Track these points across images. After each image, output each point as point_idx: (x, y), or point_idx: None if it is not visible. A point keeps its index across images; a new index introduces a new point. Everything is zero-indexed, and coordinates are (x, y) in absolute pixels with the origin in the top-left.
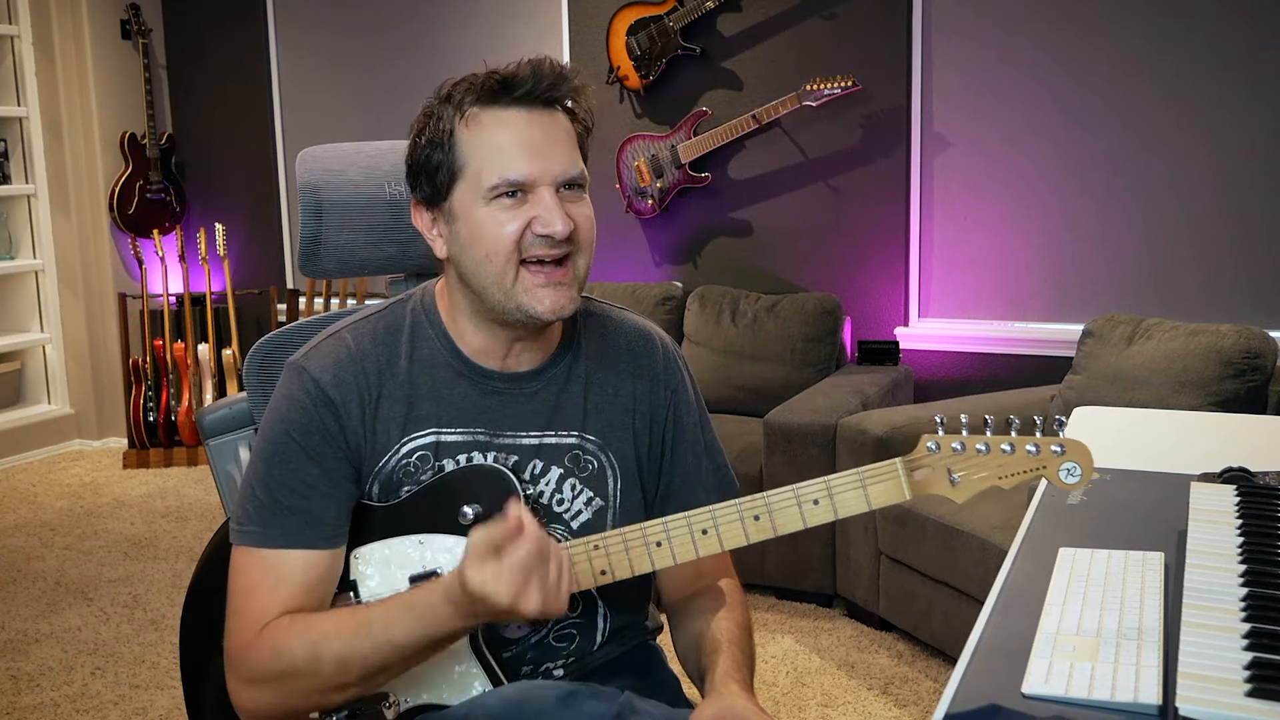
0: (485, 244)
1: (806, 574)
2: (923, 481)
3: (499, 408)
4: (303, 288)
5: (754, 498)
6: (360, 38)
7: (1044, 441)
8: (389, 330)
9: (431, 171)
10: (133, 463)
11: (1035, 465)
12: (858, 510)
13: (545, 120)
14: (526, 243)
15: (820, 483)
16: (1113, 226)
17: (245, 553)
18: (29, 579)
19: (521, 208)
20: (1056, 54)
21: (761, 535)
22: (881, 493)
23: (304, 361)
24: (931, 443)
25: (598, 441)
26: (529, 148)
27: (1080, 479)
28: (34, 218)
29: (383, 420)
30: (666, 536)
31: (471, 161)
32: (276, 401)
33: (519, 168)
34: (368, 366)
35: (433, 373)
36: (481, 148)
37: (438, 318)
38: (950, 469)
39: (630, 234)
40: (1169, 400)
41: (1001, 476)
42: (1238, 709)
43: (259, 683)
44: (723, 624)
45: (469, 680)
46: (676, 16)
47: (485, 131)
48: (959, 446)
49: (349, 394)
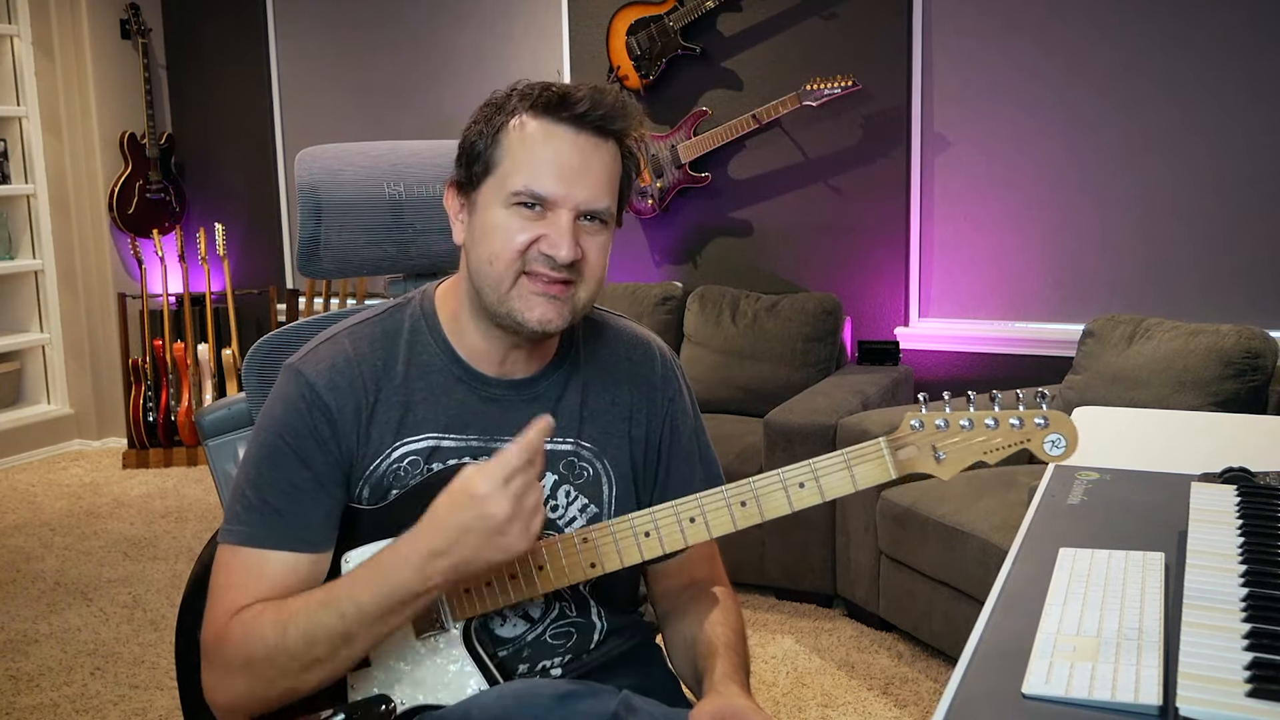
0: (492, 245)
1: (806, 574)
2: (908, 460)
3: (495, 413)
4: (302, 288)
5: (740, 483)
6: (360, 37)
7: (1027, 415)
8: (387, 334)
9: (472, 159)
10: (132, 463)
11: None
12: (844, 491)
13: (590, 146)
14: (530, 256)
15: (805, 465)
16: (1113, 226)
17: (230, 551)
18: (29, 579)
19: (536, 222)
20: (1057, 54)
21: (749, 521)
22: (867, 473)
23: (300, 365)
24: (915, 420)
25: (593, 449)
26: (562, 168)
27: (1065, 450)
28: (34, 218)
29: (377, 425)
30: (654, 526)
31: (506, 162)
32: (271, 403)
33: (545, 183)
34: (365, 371)
35: (430, 378)
36: (520, 153)
37: (436, 322)
38: (935, 446)
39: (630, 234)
40: (1169, 400)
41: (986, 451)
42: (1238, 709)
43: (231, 670)
44: (718, 628)
45: (465, 680)
46: (676, 16)
47: (529, 139)
48: (943, 423)
49: (344, 399)
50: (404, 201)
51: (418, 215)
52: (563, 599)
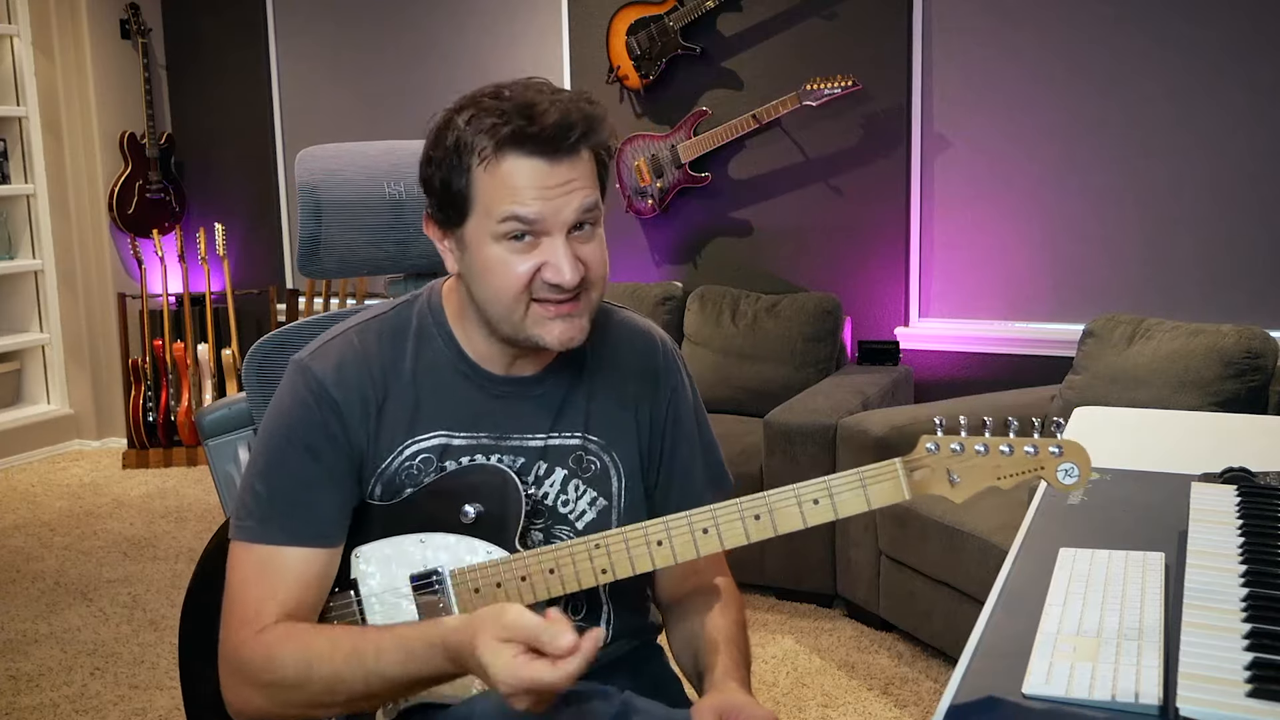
0: (494, 283)
1: (807, 574)
2: (922, 482)
3: (503, 411)
4: (302, 288)
5: (754, 497)
6: (360, 38)
7: (1042, 443)
8: (395, 332)
9: (446, 198)
10: (132, 463)
11: (1033, 466)
12: (857, 510)
13: (566, 165)
14: (536, 286)
15: (820, 483)
16: (1113, 226)
17: (243, 548)
18: (28, 579)
19: (532, 252)
20: (1057, 54)
21: (762, 535)
22: (881, 493)
23: (309, 361)
24: (931, 444)
25: (600, 442)
26: (544, 194)
27: (1078, 480)
28: (33, 218)
29: (387, 422)
30: (667, 535)
31: (484, 198)
32: (280, 399)
33: (531, 213)
34: (373, 368)
35: (438, 376)
36: (497, 188)
37: (444, 319)
38: (949, 469)
39: (630, 234)
40: (1170, 400)
41: (1000, 477)
42: (1238, 709)
43: (251, 685)
44: (719, 622)
45: (468, 679)
46: (676, 16)
47: (503, 174)
48: (958, 447)
49: (352, 395)
50: (404, 201)
51: (418, 215)
52: (575, 599)
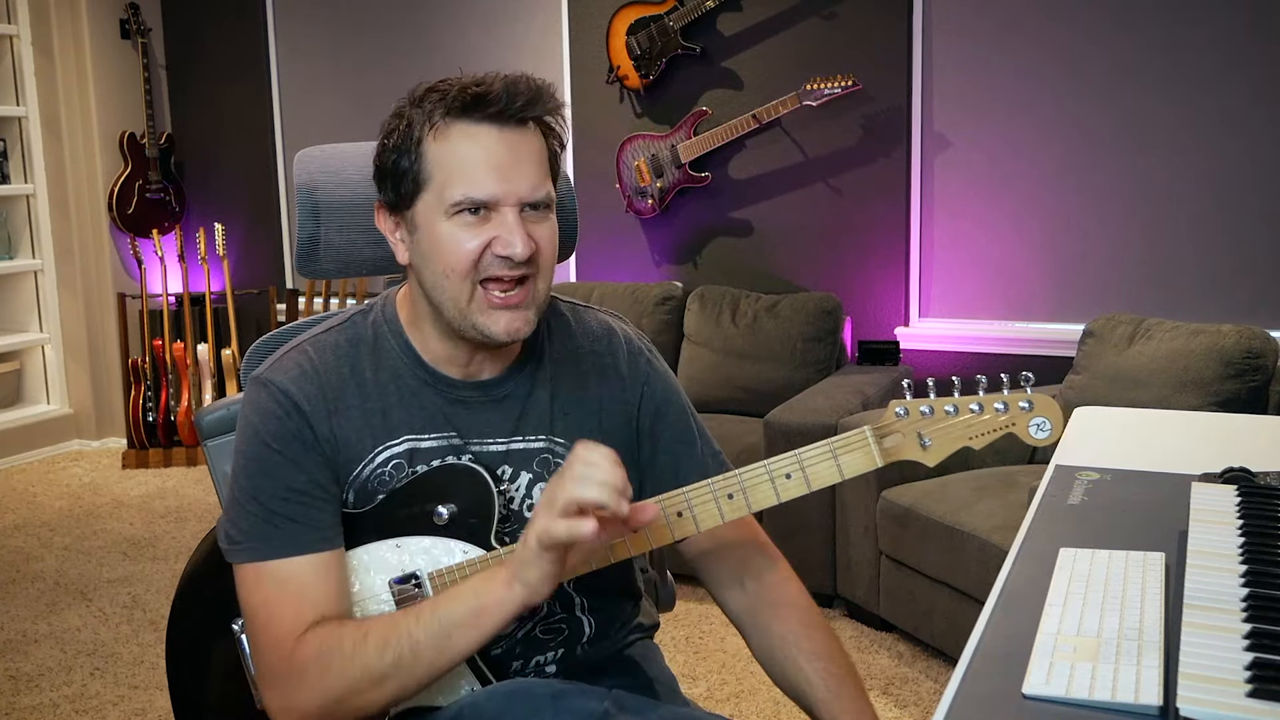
0: (444, 259)
1: (806, 574)
2: (894, 448)
3: (465, 415)
4: (302, 288)
5: (726, 476)
6: (360, 38)
7: (1011, 398)
8: (350, 343)
9: (397, 178)
10: (132, 463)
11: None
12: (831, 481)
13: (515, 138)
14: (485, 262)
15: (792, 456)
16: (1113, 226)
17: (252, 570)
18: (28, 579)
19: (483, 226)
20: (1057, 54)
21: (736, 513)
22: (853, 462)
23: (269, 375)
24: (900, 408)
25: (566, 444)
26: (496, 166)
27: (1050, 434)
28: (33, 218)
29: (353, 431)
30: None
31: (437, 174)
32: (246, 418)
33: (484, 186)
34: (329, 379)
35: (400, 383)
36: (448, 161)
37: (399, 328)
38: (920, 433)
39: (630, 234)
40: (1170, 400)
41: (972, 436)
42: (1238, 709)
43: (303, 680)
44: (817, 661)
45: (457, 680)
46: (676, 16)
47: (453, 145)
48: (927, 410)
49: (315, 404)
50: None
51: None
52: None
